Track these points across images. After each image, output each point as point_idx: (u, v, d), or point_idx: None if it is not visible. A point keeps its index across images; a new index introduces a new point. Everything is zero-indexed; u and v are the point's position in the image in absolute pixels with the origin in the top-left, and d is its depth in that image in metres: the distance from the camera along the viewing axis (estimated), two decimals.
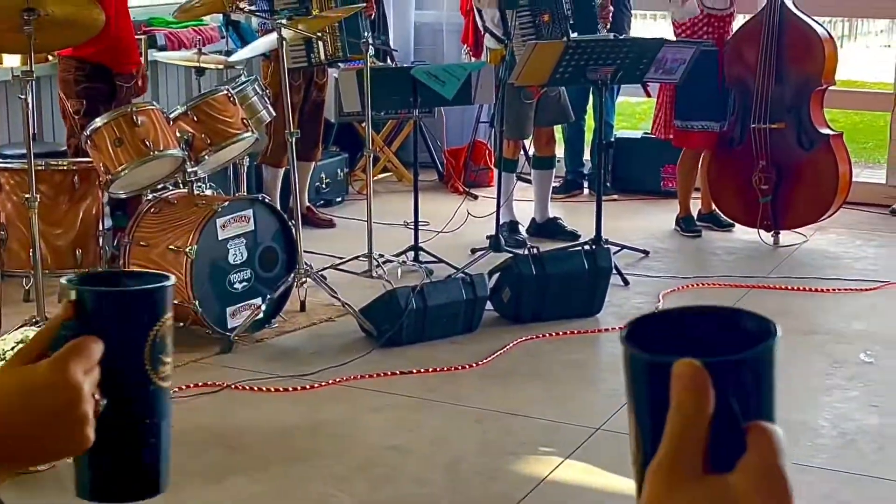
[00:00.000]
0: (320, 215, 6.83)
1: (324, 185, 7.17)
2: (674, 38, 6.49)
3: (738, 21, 6.57)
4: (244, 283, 4.87)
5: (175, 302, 3.95)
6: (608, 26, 6.27)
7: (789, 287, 5.71)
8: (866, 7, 8.16)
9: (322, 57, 6.30)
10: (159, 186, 5.02)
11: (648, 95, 6.57)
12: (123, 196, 4.95)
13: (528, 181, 6.77)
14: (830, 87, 6.45)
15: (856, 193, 6.70)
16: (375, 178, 7.71)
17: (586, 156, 7.66)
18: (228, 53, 5.74)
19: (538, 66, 5.64)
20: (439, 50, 8.16)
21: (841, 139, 6.44)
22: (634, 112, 10.26)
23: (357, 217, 6.53)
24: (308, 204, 6.78)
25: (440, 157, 7.93)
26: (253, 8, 6.05)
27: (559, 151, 7.08)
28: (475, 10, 6.36)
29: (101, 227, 4.88)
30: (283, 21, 5.01)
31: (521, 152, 6.75)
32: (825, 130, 6.40)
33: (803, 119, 6.35)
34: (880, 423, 4.17)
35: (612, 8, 6.27)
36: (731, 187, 6.58)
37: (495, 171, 6.51)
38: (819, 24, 6.47)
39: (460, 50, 7.63)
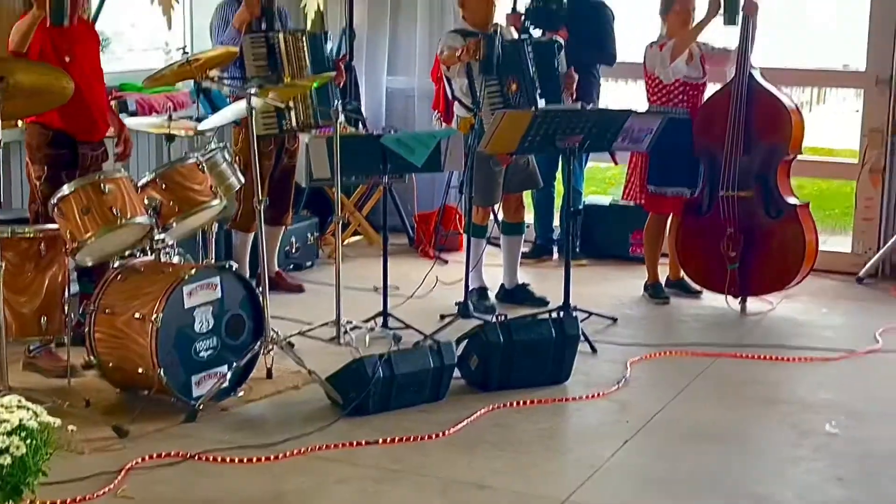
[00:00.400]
0: (289, 280, 6.83)
1: (294, 250, 7.17)
2: (647, 103, 6.57)
3: (710, 89, 6.65)
4: (210, 352, 4.85)
5: (140, 371, 3.94)
6: (574, 95, 6.33)
7: (756, 356, 5.73)
8: (833, 78, 8.28)
9: (294, 124, 6.34)
10: (127, 253, 5.01)
11: (616, 163, 6.62)
12: (90, 264, 4.93)
13: (499, 245, 6.79)
14: (797, 158, 6.52)
15: (822, 261, 6.75)
16: (346, 242, 7.75)
17: (556, 221, 7.70)
18: (199, 120, 5.75)
19: (507, 134, 5.68)
20: (410, 115, 8.22)
21: (807, 209, 6.50)
22: (604, 177, 10.34)
23: (327, 282, 6.53)
24: (277, 269, 6.78)
25: (410, 221, 7.95)
26: (224, 76, 6.08)
27: (528, 217, 7.12)
28: (445, 79, 6.42)
29: (66, 295, 4.86)
30: (253, 90, 5.03)
31: (491, 217, 6.78)
32: (792, 200, 6.46)
33: (770, 188, 6.41)
34: (846, 496, 4.18)
35: (576, 76, 6.34)
36: (700, 254, 6.63)
37: (465, 236, 6.53)
38: (786, 94, 6.55)
39: (431, 116, 7.68)
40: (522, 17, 7.06)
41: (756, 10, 6.38)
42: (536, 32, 6.90)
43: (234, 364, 4.88)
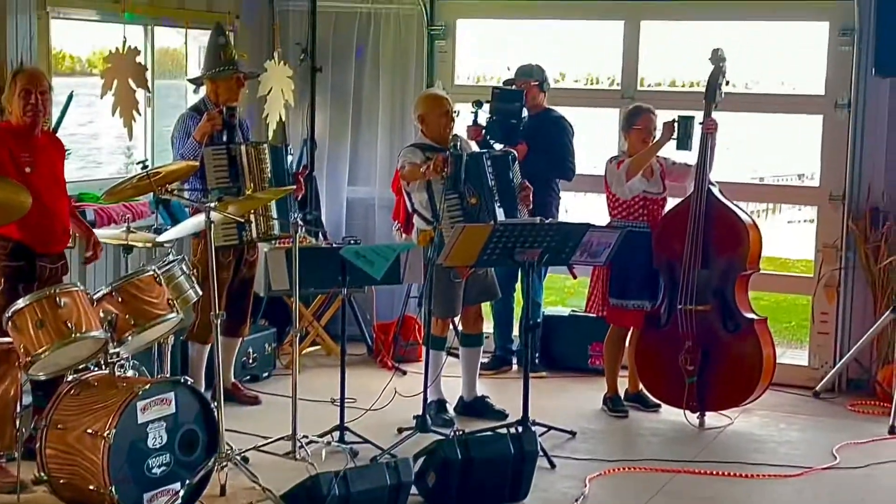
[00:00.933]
0: (245, 392, 6.77)
1: (251, 360, 7.12)
2: (608, 216, 6.64)
3: (670, 202, 6.71)
4: (163, 468, 4.78)
5: (91, 487, 3.87)
6: (529, 206, 6.38)
7: (715, 472, 5.72)
8: (788, 194, 8.42)
9: (254, 235, 6.34)
10: (81, 367, 4.96)
11: (574, 277, 6.66)
12: (44, 378, 4.87)
13: (458, 356, 6.78)
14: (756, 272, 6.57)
15: (779, 374, 6.77)
16: (304, 351, 7.71)
17: (515, 331, 7.70)
18: (158, 231, 5.75)
19: (466, 247, 5.71)
20: (371, 225, 8.25)
21: (765, 324, 6.53)
22: (563, 287, 10.37)
23: (284, 393, 6.47)
24: (234, 380, 6.72)
25: (370, 331, 7.93)
26: (185, 187, 6.09)
27: (487, 327, 7.12)
28: (405, 193, 6.46)
29: (17, 409, 4.79)
30: (212, 204, 5.04)
31: (451, 327, 6.78)
32: (750, 315, 6.48)
33: (728, 302, 6.45)
34: None
35: (531, 188, 6.39)
36: (658, 367, 6.63)
37: (424, 348, 6.51)
38: (743, 210, 6.63)
39: (391, 226, 7.71)
40: (483, 131, 7.15)
41: (716, 128, 6.49)
42: (497, 146, 6.98)
43: (188, 481, 4.81)
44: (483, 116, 7.18)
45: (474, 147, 6.89)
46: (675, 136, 6.44)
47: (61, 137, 5.80)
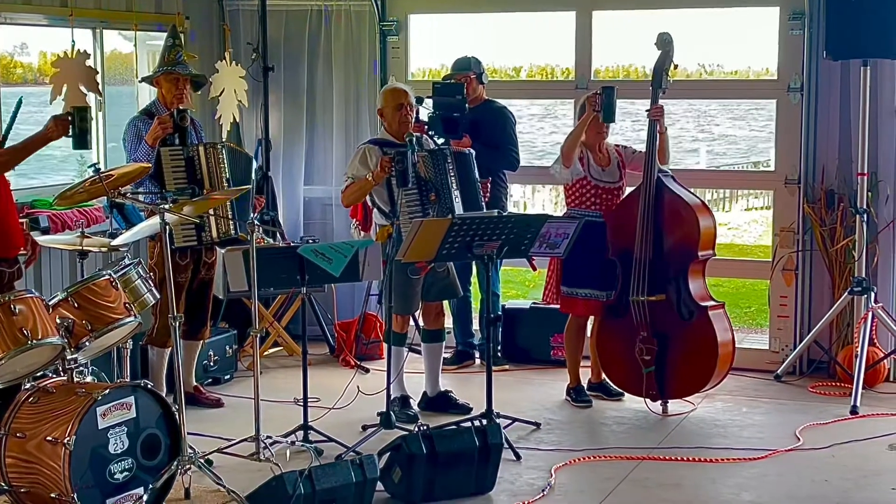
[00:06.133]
0: (208, 395, 6.72)
1: (212, 363, 7.07)
2: (565, 206, 6.63)
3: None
4: (125, 473, 4.73)
5: (52, 495, 3.82)
6: (487, 198, 6.39)
7: (679, 458, 5.74)
8: (744, 179, 8.44)
9: (213, 235, 6.30)
10: (38, 374, 4.90)
11: (534, 269, 6.65)
12: (1, 386, 4.81)
13: (420, 352, 6.76)
14: (711, 258, 6.58)
15: (741, 359, 6.81)
16: (265, 353, 7.67)
17: (475, 325, 7.70)
18: (113, 235, 5.69)
19: (425, 242, 5.69)
20: (329, 224, 8.22)
21: (721, 309, 6.54)
22: (524, 279, 10.38)
23: (246, 395, 6.44)
24: (195, 383, 6.67)
25: (331, 330, 7.90)
26: (140, 190, 6.03)
27: (448, 322, 7.10)
28: None
29: None
30: (166, 206, 4.99)
31: (413, 323, 6.76)
32: (704, 302, 6.46)
33: (682, 291, 6.44)
34: None
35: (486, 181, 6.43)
36: (618, 357, 6.63)
37: (385, 345, 6.50)
38: (695, 195, 6.63)
39: (349, 224, 7.68)
40: (426, 126, 7.12)
41: (662, 115, 6.50)
42: (440, 141, 6.96)
43: (151, 486, 4.77)
44: (424, 113, 7.14)
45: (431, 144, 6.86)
46: (597, 108, 6.41)
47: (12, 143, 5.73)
